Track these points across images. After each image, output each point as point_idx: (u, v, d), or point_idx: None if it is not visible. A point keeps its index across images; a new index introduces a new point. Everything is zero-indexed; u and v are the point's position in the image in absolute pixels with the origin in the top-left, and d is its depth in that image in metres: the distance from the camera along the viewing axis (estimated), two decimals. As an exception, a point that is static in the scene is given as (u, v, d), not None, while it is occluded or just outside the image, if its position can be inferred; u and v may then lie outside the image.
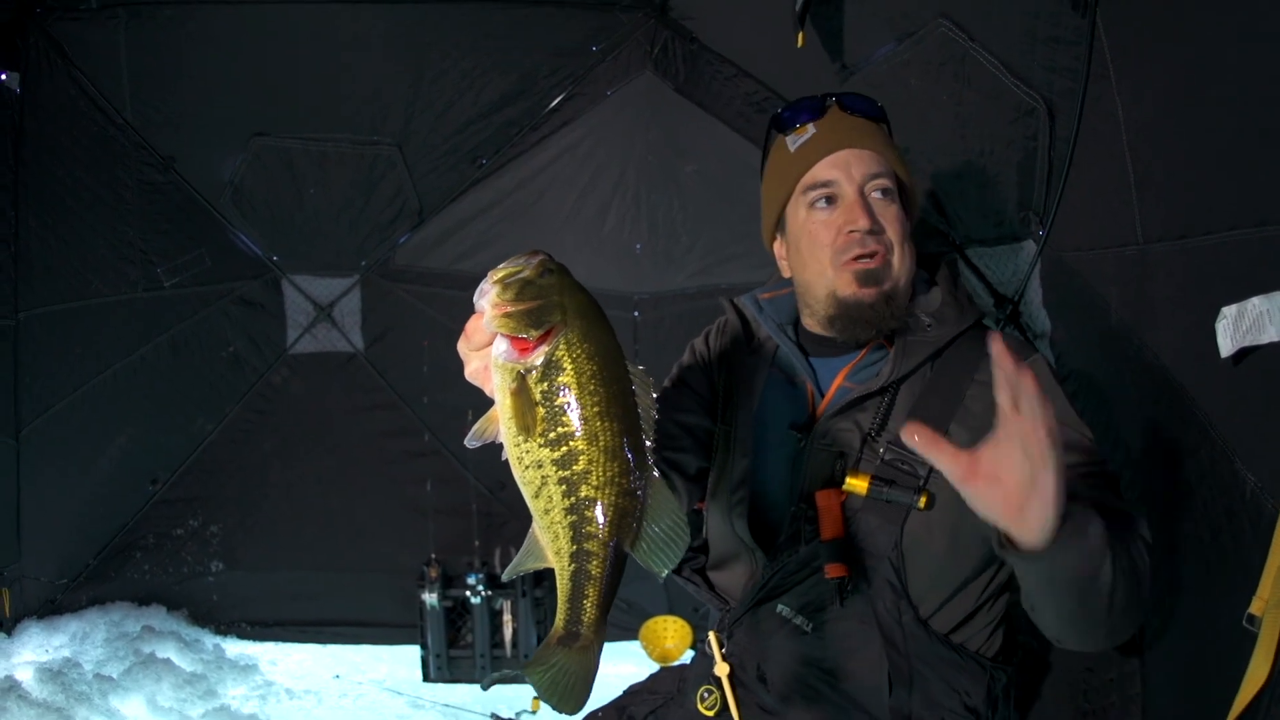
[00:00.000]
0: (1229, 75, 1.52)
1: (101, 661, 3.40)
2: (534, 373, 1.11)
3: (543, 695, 1.21)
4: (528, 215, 3.50)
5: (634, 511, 1.14)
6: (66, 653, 3.44)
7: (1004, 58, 2.21)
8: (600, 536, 1.13)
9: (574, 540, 1.14)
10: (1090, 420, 1.58)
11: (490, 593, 3.45)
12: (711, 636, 1.72)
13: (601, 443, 1.11)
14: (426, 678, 3.52)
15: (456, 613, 3.53)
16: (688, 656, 2.21)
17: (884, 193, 1.63)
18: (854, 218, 1.61)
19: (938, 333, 1.64)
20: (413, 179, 3.50)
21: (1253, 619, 1.31)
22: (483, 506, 3.64)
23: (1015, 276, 2.37)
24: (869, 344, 1.68)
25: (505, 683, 3.28)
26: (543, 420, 1.11)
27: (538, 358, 1.11)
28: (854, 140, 1.65)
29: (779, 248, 1.79)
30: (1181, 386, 1.62)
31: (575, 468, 1.11)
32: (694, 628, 2.98)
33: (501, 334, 1.12)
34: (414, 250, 3.63)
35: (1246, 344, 1.36)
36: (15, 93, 3.27)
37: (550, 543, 1.16)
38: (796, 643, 1.63)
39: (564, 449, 1.11)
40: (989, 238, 2.43)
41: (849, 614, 1.59)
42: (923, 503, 1.55)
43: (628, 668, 2.72)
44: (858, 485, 1.57)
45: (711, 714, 1.68)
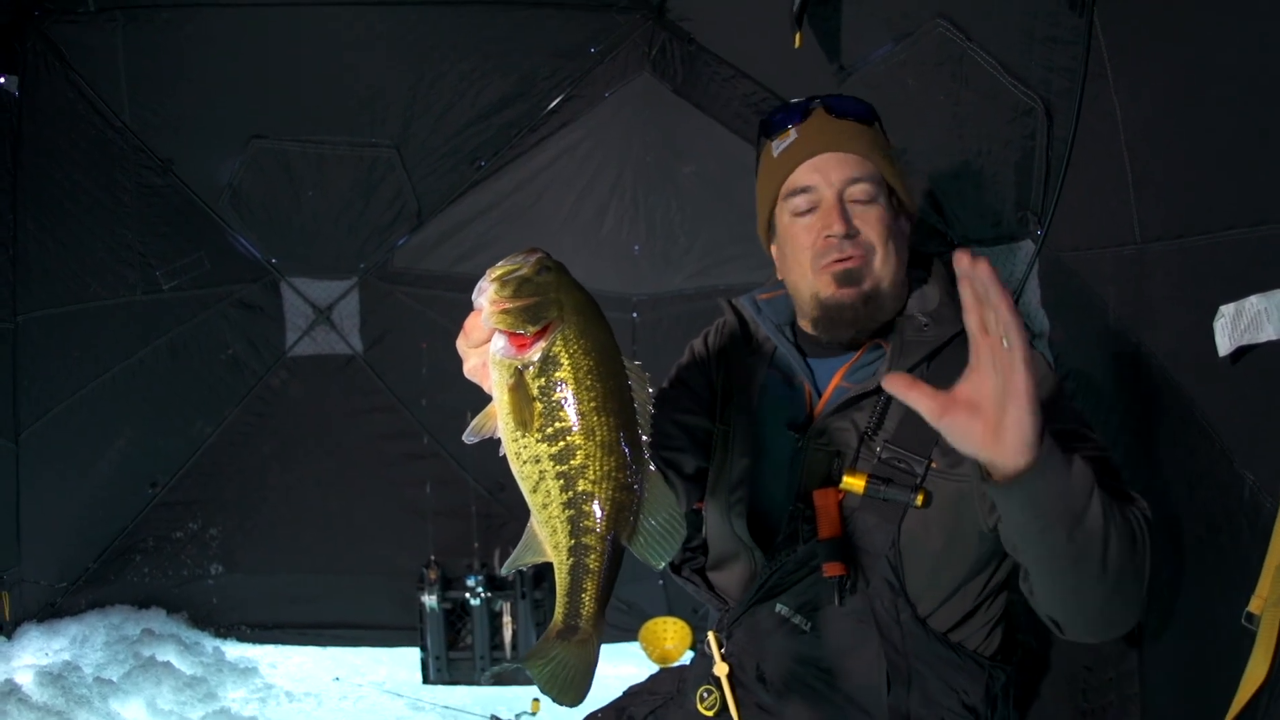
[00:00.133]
0: (1227, 74, 1.52)
1: (101, 665, 3.40)
2: (531, 368, 1.12)
3: (542, 688, 1.21)
4: (526, 217, 3.50)
5: (631, 505, 1.14)
6: (66, 656, 3.43)
7: (1002, 58, 2.22)
8: (598, 530, 1.14)
9: (572, 534, 1.14)
10: (1089, 419, 1.57)
11: (490, 594, 3.45)
12: (710, 637, 1.72)
13: (598, 437, 1.12)
14: (426, 680, 3.52)
15: (456, 614, 3.52)
16: (687, 657, 2.21)
17: (864, 196, 1.63)
18: (829, 222, 1.61)
19: (935, 332, 1.63)
20: (411, 181, 3.50)
21: (1251, 617, 1.30)
22: (482, 508, 3.64)
23: (1013, 276, 2.37)
24: (865, 344, 1.68)
25: (504, 683, 3.28)
26: (540, 415, 1.12)
27: (535, 353, 1.12)
28: (835, 144, 1.64)
29: (774, 250, 1.80)
30: (1179, 385, 1.62)
31: (572, 462, 1.12)
32: (693, 628, 2.97)
33: (499, 330, 1.13)
34: (413, 252, 3.62)
35: (1244, 342, 1.37)
36: (13, 96, 3.28)
37: (548, 537, 1.17)
38: (795, 642, 1.63)
39: (561, 444, 1.12)
40: (987, 237, 2.43)
41: (847, 613, 1.59)
42: (920, 501, 1.54)
43: (627, 668, 2.71)
44: (855, 484, 1.56)
45: (711, 714, 1.69)
